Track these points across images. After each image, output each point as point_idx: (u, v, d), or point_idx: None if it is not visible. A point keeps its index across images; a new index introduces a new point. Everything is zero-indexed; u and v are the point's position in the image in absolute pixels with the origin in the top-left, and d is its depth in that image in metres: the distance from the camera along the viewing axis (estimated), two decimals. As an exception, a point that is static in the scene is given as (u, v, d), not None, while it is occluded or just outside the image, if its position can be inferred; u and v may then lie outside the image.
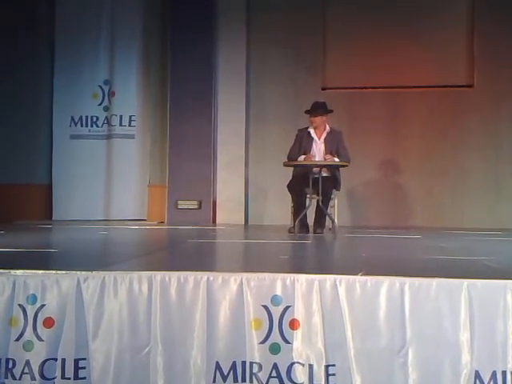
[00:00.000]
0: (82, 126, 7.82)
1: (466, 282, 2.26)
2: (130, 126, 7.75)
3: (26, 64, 7.66)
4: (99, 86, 7.81)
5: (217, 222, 7.40)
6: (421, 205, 7.25)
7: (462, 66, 7.27)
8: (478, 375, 2.21)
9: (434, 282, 2.27)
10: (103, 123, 7.82)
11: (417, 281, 2.28)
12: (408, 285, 2.26)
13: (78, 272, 2.36)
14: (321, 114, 5.49)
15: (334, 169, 5.52)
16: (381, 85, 7.31)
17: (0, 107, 7.59)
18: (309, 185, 5.29)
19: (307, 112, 5.56)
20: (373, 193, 7.34)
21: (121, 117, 7.75)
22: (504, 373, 2.20)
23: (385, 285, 2.27)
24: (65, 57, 7.76)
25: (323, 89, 7.39)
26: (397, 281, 2.28)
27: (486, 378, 2.21)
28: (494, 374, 2.20)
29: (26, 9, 7.64)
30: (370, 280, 2.28)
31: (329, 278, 2.30)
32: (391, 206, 7.28)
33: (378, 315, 2.26)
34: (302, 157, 5.47)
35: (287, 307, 2.28)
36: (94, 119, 7.83)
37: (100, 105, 7.82)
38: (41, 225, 6.52)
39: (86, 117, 7.83)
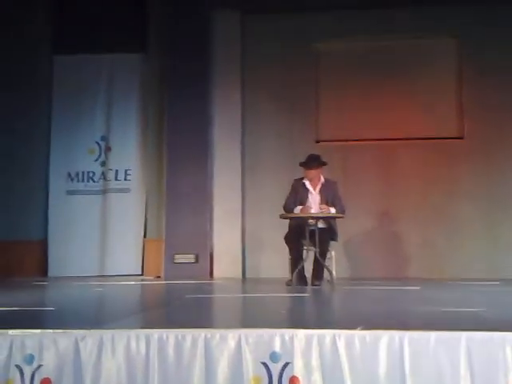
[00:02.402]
0: (78, 181, 7.89)
1: (464, 334, 2.27)
2: (125, 179, 7.82)
3: (23, 120, 7.78)
4: (96, 141, 7.92)
5: (214, 275, 7.36)
6: (417, 255, 7.26)
7: (453, 118, 7.47)
8: (480, 430, 2.19)
9: (433, 335, 2.28)
10: (99, 178, 7.89)
11: (416, 334, 2.28)
12: (407, 338, 2.27)
13: (75, 331, 2.36)
14: (315, 167, 5.60)
15: (330, 220, 5.57)
16: (374, 137, 7.46)
17: (-4, 163, 7.67)
18: (305, 236, 5.32)
19: (302, 165, 5.67)
20: (369, 243, 7.36)
21: (116, 171, 7.84)
22: (506, 427, 2.18)
23: (384, 339, 2.27)
24: (62, 113, 7.90)
25: (317, 141, 7.54)
26: (396, 335, 2.28)
27: (489, 432, 2.19)
28: (496, 429, 2.19)
29: (26, 64, 7.82)
30: (369, 334, 2.29)
31: (328, 334, 2.30)
32: (388, 257, 7.29)
33: (377, 370, 2.25)
34: (299, 208, 5.53)
35: (286, 364, 2.27)
36: (91, 174, 7.90)
37: (96, 160, 7.92)
38: (36, 282, 6.47)
39: (83, 172, 7.90)
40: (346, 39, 7.59)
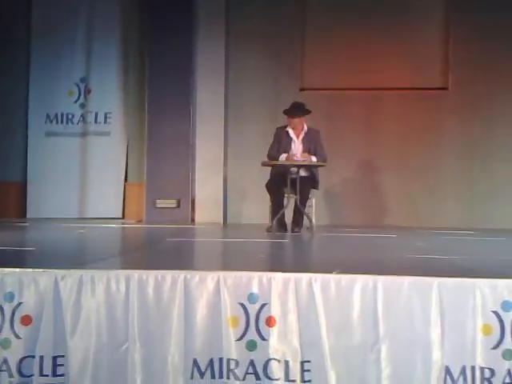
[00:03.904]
0: (57, 123, 7.78)
1: (436, 280, 2.34)
2: (105, 122, 7.72)
3: (1, 60, 7.58)
4: (75, 83, 7.77)
5: (195, 220, 7.42)
6: (397, 204, 7.38)
7: (437, 68, 7.43)
8: (448, 371, 2.29)
9: (406, 280, 2.34)
10: (79, 120, 7.78)
11: (389, 279, 2.35)
12: (381, 283, 2.33)
13: (56, 270, 2.38)
14: (299, 115, 5.56)
15: (312, 168, 5.60)
16: (358, 86, 7.42)
17: (-27, 104, 7.51)
18: (287, 184, 5.36)
19: (285, 112, 5.63)
20: (350, 192, 7.45)
21: (96, 114, 7.72)
22: (473, 368, 2.28)
23: (358, 283, 2.33)
24: (41, 53, 7.71)
25: (301, 89, 7.47)
26: (370, 279, 2.34)
27: (456, 373, 2.29)
28: (463, 369, 2.28)
29: (2, 2, 7.55)
30: (345, 278, 2.35)
31: (304, 277, 2.35)
32: (368, 205, 7.40)
33: (351, 313, 2.32)
34: (284, 155, 5.53)
35: (263, 305, 2.33)
36: (70, 116, 7.78)
37: (76, 102, 7.79)
38: (16, 223, 6.47)
39: (62, 114, 7.78)
40: (334, -16, 7.43)
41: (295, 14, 7.50)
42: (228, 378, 2.31)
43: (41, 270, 2.39)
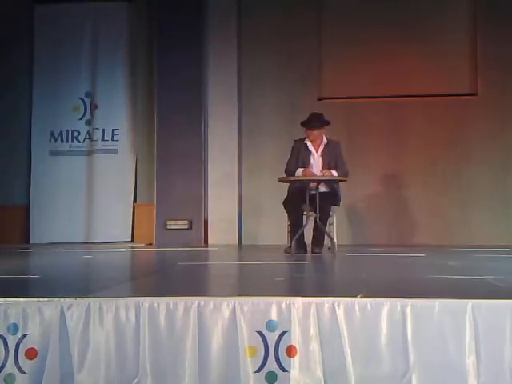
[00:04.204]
0: (62, 141, 7.87)
1: (470, 302, 2.30)
2: (113, 140, 7.80)
3: (2, 74, 7.72)
4: (80, 98, 7.87)
5: (209, 242, 7.42)
6: (425, 220, 7.32)
7: (465, 73, 7.39)
8: (485, 401, 2.25)
9: (437, 303, 2.31)
10: (85, 138, 7.86)
11: (419, 302, 2.32)
12: (410, 307, 2.31)
13: (62, 299, 2.39)
14: (318, 127, 5.56)
15: (332, 183, 5.59)
16: (380, 94, 7.42)
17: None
18: (305, 201, 5.35)
19: (303, 124, 5.64)
20: (374, 209, 7.41)
21: (103, 131, 7.81)
22: (512, 398, 2.24)
23: (385, 307, 2.31)
24: (44, 67, 7.84)
25: (319, 99, 7.49)
26: (398, 302, 2.32)
27: (494, 403, 2.25)
28: (501, 400, 2.25)
29: (4, 14, 7.69)
30: (370, 302, 2.32)
31: (327, 301, 2.34)
32: (394, 223, 7.34)
33: (379, 340, 2.30)
34: (300, 170, 5.53)
35: (283, 333, 2.31)
36: (75, 134, 7.88)
37: (81, 119, 7.89)
38: (19, 249, 6.52)
39: (67, 131, 7.88)
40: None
41: (310, 20, 7.55)
42: (247, 413, 2.29)
43: (46, 299, 2.40)
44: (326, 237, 5.53)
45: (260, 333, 2.32)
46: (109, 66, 7.84)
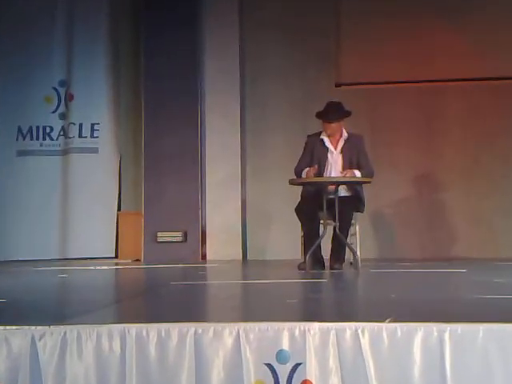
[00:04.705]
0: (31, 139, 7.91)
1: (521, 327, 2.31)
2: (92, 137, 7.84)
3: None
4: (53, 87, 7.91)
5: (207, 257, 7.45)
6: (465, 230, 7.31)
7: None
8: None
9: (481, 327, 2.31)
10: (59, 135, 7.90)
11: (459, 327, 2.32)
12: (448, 332, 2.31)
13: (33, 327, 2.40)
14: (337, 119, 5.56)
15: (355, 186, 5.59)
16: (410, 79, 7.43)
17: None
18: (322, 207, 5.35)
19: (319, 116, 5.64)
20: (404, 216, 7.41)
21: (80, 126, 7.85)
22: None
23: (419, 333, 2.31)
24: (10, 51, 7.85)
25: (337, 85, 7.51)
26: (434, 328, 2.32)
27: None
28: None
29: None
30: (401, 327, 2.33)
31: (349, 327, 2.34)
32: (428, 233, 7.34)
33: (411, 372, 2.30)
34: (305, 170, 5.52)
35: (297, 365, 2.32)
36: (48, 130, 7.92)
37: (54, 112, 7.92)
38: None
39: (37, 127, 7.92)
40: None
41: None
42: None
43: (14, 327, 2.41)
44: (347, 250, 5.53)
45: (269, 365, 2.32)
46: (87, 49, 7.87)
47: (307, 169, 5.51)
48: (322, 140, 5.64)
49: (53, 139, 7.93)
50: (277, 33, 7.61)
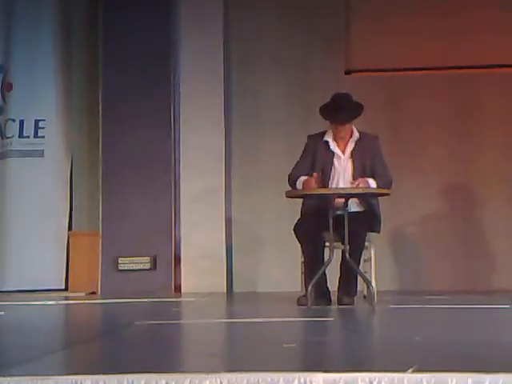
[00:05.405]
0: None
1: None
2: (35, 136, 7.83)
3: None
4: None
5: (182, 289, 7.46)
6: (510, 256, 7.32)
7: None
8: None
9: (529, 379, 2.32)
10: (-7, 134, 7.91)
11: (501, 378, 2.33)
12: (488, 384, 2.32)
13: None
14: (351, 119, 5.56)
15: (369, 199, 5.61)
16: (437, 65, 7.49)
17: None
18: (328, 226, 5.37)
19: (326, 114, 5.63)
20: (431, 237, 7.43)
21: (21, 123, 7.85)
22: None
23: (451, 386, 2.32)
24: None
25: (347, 72, 7.55)
26: (470, 379, 2.33)
27: None
28: None
29: None
30: (428, 379, 2.33)
31: (361, 378, 2.34)
32: (461, 259, 7.38)
33: None
34: (302, 179, 5.53)
35: (296, 427, 2.32)
36: (-22, 128, 7.92)
37: (-13, 105, 7.93)
38: None
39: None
40: None
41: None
42: None
43: None
44: (359, 279, 5.54)
45: (261, 428, 2.32)
46: (30, 28, 7.90)
47: (304, 178, 5.51)
48: (327, 142, 5.65)
49: (-15, 140, 7.93)
50: (273, 6, 7.64)
